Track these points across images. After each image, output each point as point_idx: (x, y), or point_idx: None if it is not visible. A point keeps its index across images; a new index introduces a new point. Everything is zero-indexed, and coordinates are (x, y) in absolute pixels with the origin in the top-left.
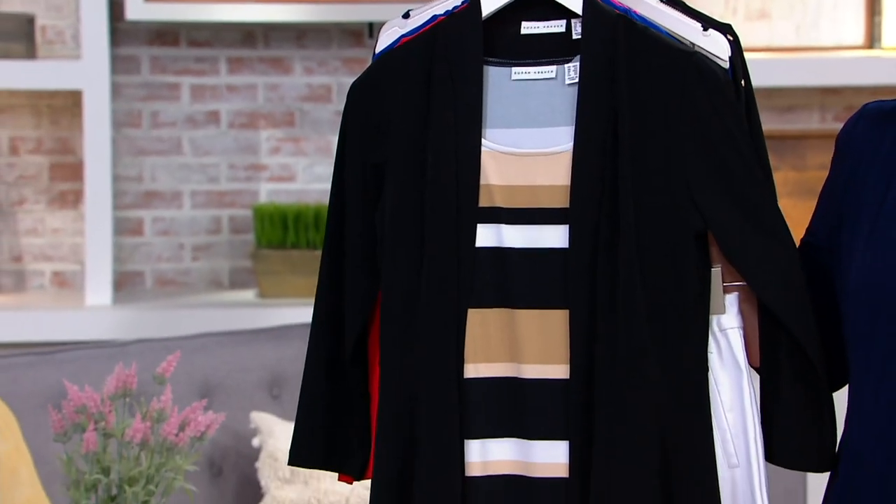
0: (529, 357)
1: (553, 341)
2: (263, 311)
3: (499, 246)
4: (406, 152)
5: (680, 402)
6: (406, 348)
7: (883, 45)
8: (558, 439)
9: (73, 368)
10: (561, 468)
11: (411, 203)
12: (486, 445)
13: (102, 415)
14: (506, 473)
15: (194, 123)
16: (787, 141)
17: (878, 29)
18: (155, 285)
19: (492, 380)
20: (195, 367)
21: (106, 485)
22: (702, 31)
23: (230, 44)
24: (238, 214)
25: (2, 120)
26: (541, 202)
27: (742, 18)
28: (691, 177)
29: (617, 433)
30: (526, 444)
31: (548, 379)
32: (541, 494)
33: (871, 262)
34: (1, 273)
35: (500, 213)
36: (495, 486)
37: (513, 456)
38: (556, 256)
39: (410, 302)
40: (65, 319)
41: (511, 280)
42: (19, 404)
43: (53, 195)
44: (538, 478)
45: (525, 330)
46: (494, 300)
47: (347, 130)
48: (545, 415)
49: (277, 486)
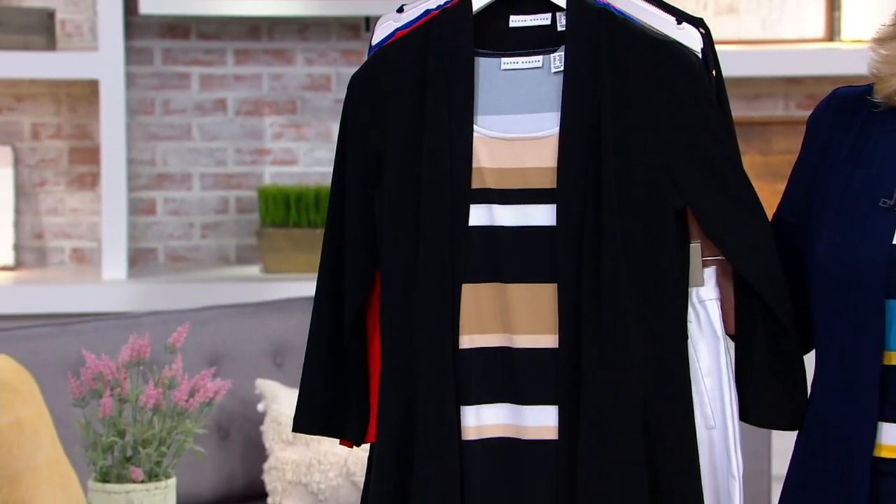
0: (520, 328)
1: (542, 313)
2: (268, 285)
3: (491, 225)
4: (403, 140)
5: (661, 368)
6: (405, 321)
7: (842, 38)
8: (548, 404)
9: (90, 338)
10: (551, 431)
11: (408, 187)
12: (481, 411)
13: (118, 381)
14: (499, 436)
15: (203, 111)
16: (753, 127)
17: (838, 23)
18: (167, 261)
19: (485, 349)
20: (204, 338)
21: (121, 446)
22: (676, 25)
23: (237, 36)
24: (244, 195)
25: (24, 107)
26: (529, 183)
27: (712, 13)
28: (670, 158)
29: (602, 398)
30: (518, 408)
31: (538, 348)
32: (532, 455)
33: (839, 238)
34: (24, 249)
35: (492, 193)
36: (490, 448)
37: (506, 420)
38: (544, 234)
39: (409, 278)
40: (83, 293)
41: (502, 256)
42: (41, 371)
43: (72, 177)
44: (529, 440)
45: (516, 303)
46: (487, 275)
47: (348, 121)
48: (535, 381)
49: (281, 448)
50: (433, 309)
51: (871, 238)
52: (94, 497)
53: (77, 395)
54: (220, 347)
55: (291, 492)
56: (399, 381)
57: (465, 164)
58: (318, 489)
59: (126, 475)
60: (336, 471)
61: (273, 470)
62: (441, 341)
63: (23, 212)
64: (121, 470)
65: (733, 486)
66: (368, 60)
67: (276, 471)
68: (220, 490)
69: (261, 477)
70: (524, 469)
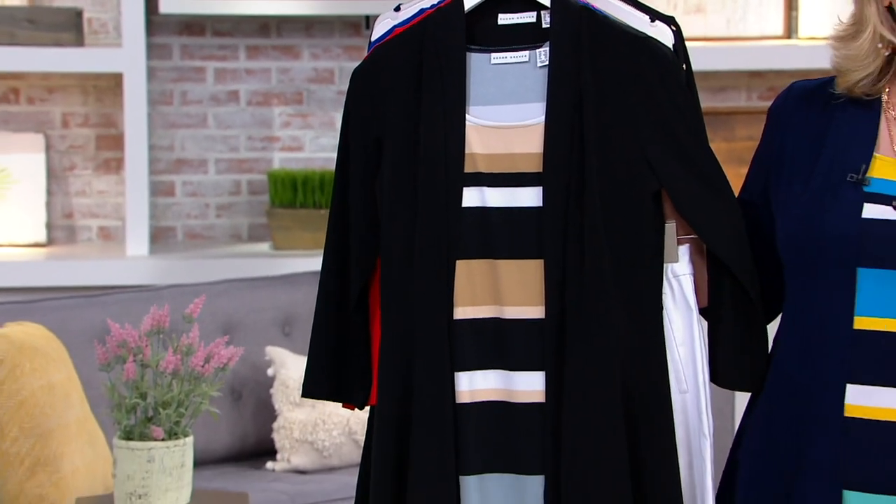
0: (509, 300)
1: (530, 286)
2: (276, 260)
3: (482, 206)
4: (401, 129)
5: (639, 337)
6: (403, 294)
7: (799, 36)
8: (535, 370)
9: (115, 309)
10: (538, 394)
11: (406, 171)
12: (474, 376)
13: (140, 349)
14: (491, 400)
15: (218, 101)
16: (718, 116)
17: (795, 22)
18: (185, 239)
19: (477, 320)
20: (218, 309)
21: (143, 408)
22: (650, 23)
23: (248, 34)
24: (255, 179)
25: (55, 98)
26: (518, 167)
27: (681, 12)
28: (646, 144)
29: (585, 365)
30: (508, 374)
31: (526, 319)
32: (521, 417)
33: (807, 211)
34: (55, 228)
35: (483, 177)
36: (483, 410)
37: (497, 385)
38: (531, 214)
39: (407, 254)
40: (108, 267)
41: (493, 235)
42: (70, 339)
43: (99, 162)
44: (519, 403)
45: (506, 277)
46: (479, 252)
47: (350, 111)
48: (524, 349)
49: (289, 409)
50: (430, 283)
51: (841, 210)
52: (118, 453)
53: (103, 360)
54: (233, 317)
55: (298, 449)
56: (398, 349)
57: (458, 150)
58: (322, 446)
59: (148, 434)
60: (339, 430)
61: (282, 429)
62: (437, 312)
63: (54, 193)
64: (143, 429)
65: (704, 444)
66: (368, 56)
67: (284, 430)
68: (234, 447)
69: (270, 435)
70: (514, 429)
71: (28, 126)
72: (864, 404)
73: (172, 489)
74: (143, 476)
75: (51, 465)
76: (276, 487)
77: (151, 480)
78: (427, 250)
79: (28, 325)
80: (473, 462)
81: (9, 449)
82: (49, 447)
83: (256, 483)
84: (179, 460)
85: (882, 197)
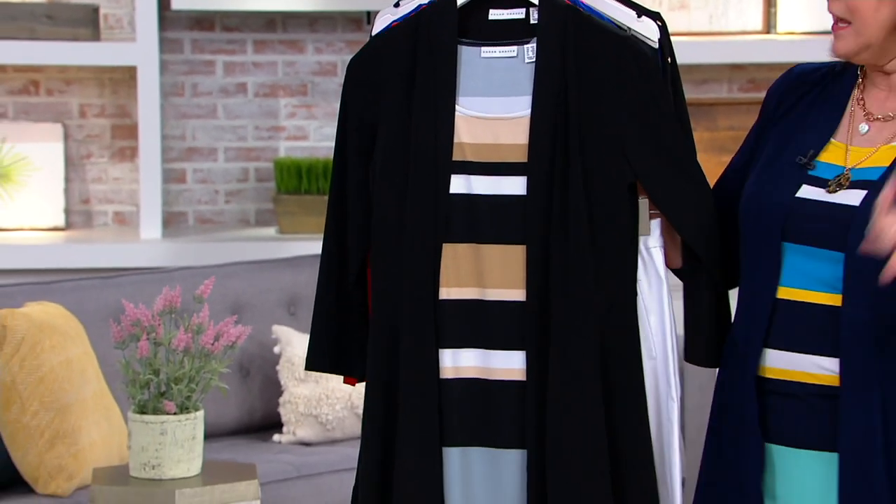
0: (492, 283)
1: (511, 270)
2: (282, 244)
3: (468, 192)
4: (394, 117)
5: (616, 313)
6: (391, 272)
7: (777, 31)
8: (515, 349)
9: (129, 290)
10: (517, 373)
11: (398, 157)
12: (457, 354)
13: (153, 327)
14: (471, 377)
15: (226, 93)
16: (701, 107)
17: (774, 17)
18: (195, 223)
19: (461, 301)
20: (227, 290)
21: (156, 383)
22: (636, 18)
23: (255, 29)
24: (262, 166)
25: (72, 90)
26: (504, 157)
27: (666, 9)
28: (624, 137)
29: (570, 343)
30: (489, 353)
31: (507, 301)
32: (500, 394)
33: (757, 187)
34: (72, 213)
35: (470, 165)
36: (463, 387)
37: (476, 363)
38: (515, 201)
39: (396, 234)
40: (123, 250)
41: (478, 220)
42: (87, 318)
43: (114, 150)
44: (496, 380)
45: (489, 261)
46: (464, 237)
47: (347, 98)
48: (504, 329)
49: (294, 385)
50: (418, 264)
51: (780, 188)
52: (133, 426)
53: (118, 338)
54: (241, 298)
55: (303, 422)
56: (385, 326)
57: (447, 139)
58: (326, 420)
59: (161, 408)
60: (342, 404)
61: (287, 403)
62: (424, 292)
63: (71, 180)
64: (156, 403)
65: (672, 406)
66: (365, 46)
67: (290, 404)
68: (242, 421)
69: (277, 409)
70: (494, 405)
71: (47, 116)
72: (781, 367)
73: (184, 460)
74: (156, 448)
75: (69, 438)
76: (282, 458)
77: (164, 452)
78: (416, 233)
79: (47, 305)
80: (457, 434)
81: (30, 422)
82: (67, 420)
83: (263, 454)
84: (191, 433)
85: (820, 180)
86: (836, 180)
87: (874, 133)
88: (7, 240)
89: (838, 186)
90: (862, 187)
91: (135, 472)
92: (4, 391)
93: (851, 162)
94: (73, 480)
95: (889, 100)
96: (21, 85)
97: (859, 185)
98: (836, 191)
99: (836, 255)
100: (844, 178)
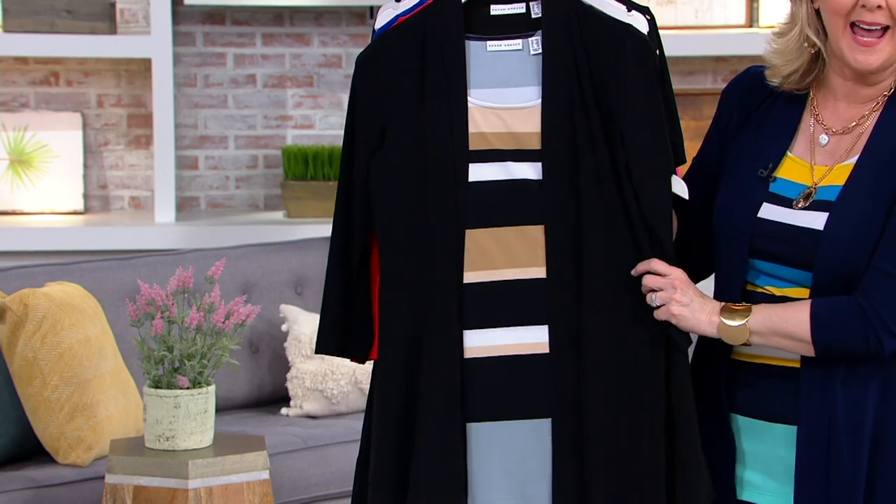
0: (515, 263)
1: (532, 250)
2: (290, 227)
3: (486, 179)
4: (406, 111)
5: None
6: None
7: (760, 25)
8: (539, 324)
9: (145, 271)
10: (542, 346)
11: (409, 150)
12: (483, 334)
13: (167, 307)
14: (498, 355)
15: (237, 84)
16: (687, 97)
17: (757, 12)
18: (207, 207)
19: (485, 283)
20: (237, 271)
21: (170, 360)
22: (626, 12)
23: (264, 23)
24: (270, 154)
25: (91, 81)
26: (518, 145)
27: (654, 3)
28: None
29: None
30: (513, 330)
31: (529, 279)
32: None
33: (726, 197)
34: (91, 197)
35: (486, 154)
36: (489, 364)
37: (505, 341)
38: (532, 185)
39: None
40: (139, 233)
41: (497, 206)
42: (104, 297)
43: (130, 139)
44: (525, 354)
45: (510, 243)
46: (484, 222)
47: (356, 96)
48: (528, 306)
49: (301, 361)
50: (442, 251)
51: (745, 203)
52: (148, 400)
53: (134, 317)
54: (250, 279)
55: (310, 396)
56: (403, 310)
57: (462, 130)
58: (331, 394)
59: (174, 383)
60: (346, 380)
61: (295, 379)
62: (449, 277)
63: (90, 166)
64: (170, 378)
65: None
66: (372, 43)
67: (297, 379)
68: (252, 395)
69: (285, 384)
70: (522, 378)
71: (67, 106)
72: (749, 352)
73: (197, 432)
74: (170, 420)
75: (88, 411)
76: (290, 431)
77: (178, 424)
78: (438, 222)
79: (67, 285)
80: (481, 410)
81: (50, 396)
82: (86, 395)
83: (272, 427)
84: (203, 406)
85: (780, 198)
86: (803, 195)
87: (833, 144)
88: (29, 223)
89: (805, 200)
90: (823, 209)
91: (150, 444)
92: (26, 367)
93: (817, 176)
94: (92, 451)
95: (844, 109)
96: (42, 76)
97: (820, 207)
98: (803, 207)
99: (803, 274)
100: (811, 194)
